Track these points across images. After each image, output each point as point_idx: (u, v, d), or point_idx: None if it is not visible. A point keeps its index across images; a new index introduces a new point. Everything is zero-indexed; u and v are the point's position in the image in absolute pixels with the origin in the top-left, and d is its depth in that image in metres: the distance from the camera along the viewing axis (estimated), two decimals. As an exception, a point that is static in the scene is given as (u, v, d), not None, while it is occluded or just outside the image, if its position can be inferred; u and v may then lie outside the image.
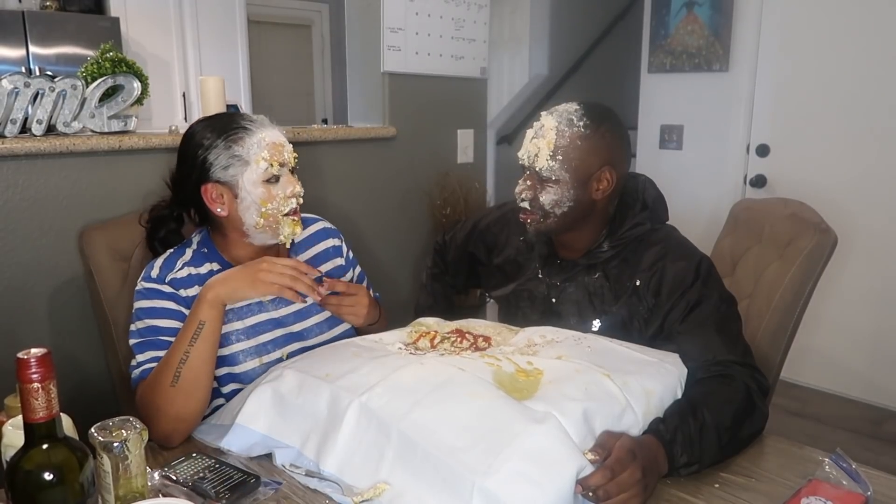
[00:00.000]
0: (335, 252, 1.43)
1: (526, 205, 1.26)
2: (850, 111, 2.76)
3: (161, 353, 1.15)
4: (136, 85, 1.50)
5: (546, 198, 1.23)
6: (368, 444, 0.95)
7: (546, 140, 1.21)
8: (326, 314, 1.34)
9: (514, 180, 1.30)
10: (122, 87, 1.49)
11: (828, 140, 2.83)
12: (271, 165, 1.19)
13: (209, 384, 1.13)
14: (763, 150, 3.01)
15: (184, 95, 4.10)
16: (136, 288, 1.21)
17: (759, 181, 3.01)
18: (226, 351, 1.22)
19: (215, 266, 1.25)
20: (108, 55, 1.54)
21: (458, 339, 1.24)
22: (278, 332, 1.27)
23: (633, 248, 1.26)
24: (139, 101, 1.53)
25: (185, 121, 4.06)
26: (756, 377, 1.12)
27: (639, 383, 1.04)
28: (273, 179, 1.20)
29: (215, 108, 1.71)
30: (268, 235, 1.24)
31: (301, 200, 1.25)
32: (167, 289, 1.19)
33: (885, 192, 2.71)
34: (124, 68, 1.53)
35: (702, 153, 3.15)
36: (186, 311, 1.19)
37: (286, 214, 1.22)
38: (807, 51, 2.83)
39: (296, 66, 5.46)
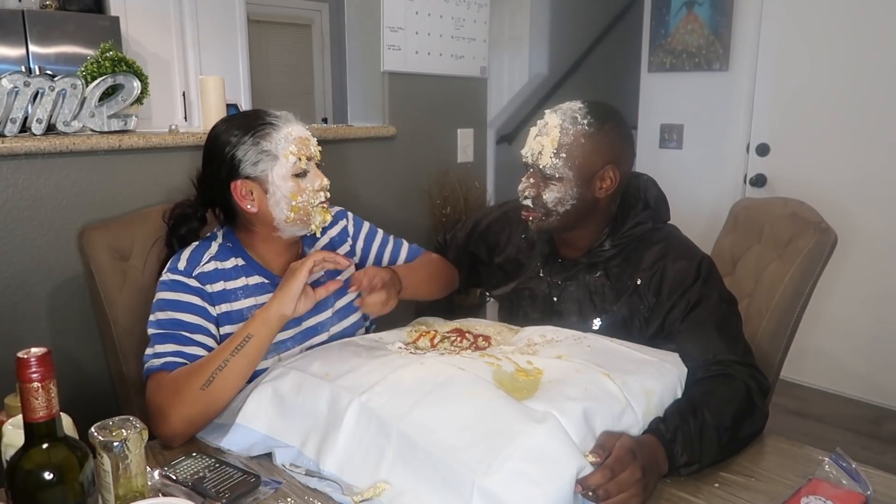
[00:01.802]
0: (340, 239, 1.43)
1: (529, 202, 1.26)
2: (850, 110, 2.76)
3: (185, 349, 1.15)
4: (136, 84, 1.50)
5: (549, 196, 1.22)
6: (368, 444, 0.95)
7: (550, 138, 1.20)
8: (336, 307, 1.35)
9: (515, 179, 1.30)
10: (121, 86, 1.49)
11: (828, 139, 2.83)
12: (299, 159, 1.20)
13: (233, 398, 1.12)
14: (763, 150, 3.01)
15: (184, 95, 4.10)
16: (161, 278, 1.21)
17: (759, 180, 3.01)
18: None
19: (240, 261, 1.26)
20: (107, 54, 1.54)
21: (458, 339, 1.24)
22: (296, 329, 1.28)
23: (634, 247, 1.26)
24: (139, 100, 1.53)
25: (185, 120, 4.06)
26: (756, 377, 1.13)
27: (639, 383, 1.04)
28: (301, 174, 1.21)
29: (215, 107, 1.71)
30: (298, 228, 1.25)
31: (328, 193, 1.26)
32: (194, 283, 1.19)
33: (886, 192, 2.71)
34: (124, 67, 1.53)
35: (702, 152, 3.15)
36: (210, 308, 1.19)
37: (316, 205, 1.24)
38: (807, 50, 2.83)
39: (296, 66, 5.46)
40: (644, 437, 0.98)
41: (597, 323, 1.27)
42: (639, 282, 1.23)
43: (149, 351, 1.16)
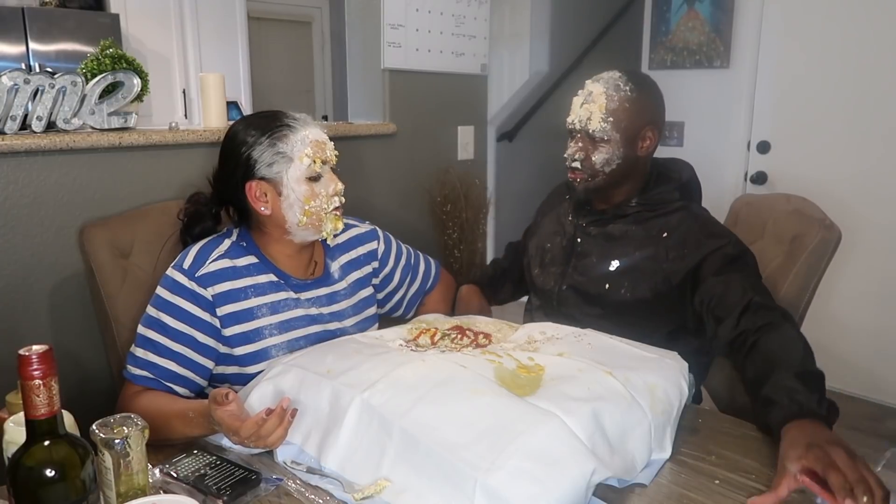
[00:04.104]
0: (366, 259, 1.43)
1: (577, 164, 1.37)
2: (851, 107, 2.75)
3: (159, 360, 1.16)
4: (136, 81, 1.49)
5: (598, 157, 1.35)
6: (370, 441, 0.95)
7: (598, 104, 1.33)
8: (359, 318, 1.37)
9: (516, 177, 1.35)
10: (122, 83, 1.48)
11: (829, 136, 2.82)
12: (314, 162, 1.20)
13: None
14: (764, 147, 3.00)
15: (184, 92, 4.09)
16: (166, 272, 1.21)
17: (759, 178, 3.00)
18: (257, 346, 1.22)
19: (253, 259, 1.26)
20: (108, 52, 1.54)
21: (459, 336, 1.24)
22: (312, 329, 1.28)
23: (665, 210, 1.38)
24: (139, 97, 1.52)
25: (186, 118, 4.06)
26: (798, 328, 1.18)
27: (641, 378, 1.04)
28: (316, 177, 1.21)
29: (215, 105, 1.71)
30: (310, 233, 1.25)
31: (343, 199, 1.26)
32: (193, 287, 1.19)
33: (887, 189, 2.71)
34: (124, 65, 1.53)
35: (703, 150, 3.15)
36: (203, 315, 1.19)
37: (329, 212, 1.23)
38: (808, 47, 2.83)
39: (296, 63, 5.46)
40: (793, 426, 0.94)
41: (614, 264, 1.37)
42: (664, 235, 1.34)
43: (131, 348, 1.19)
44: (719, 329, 1.20)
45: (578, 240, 1.44)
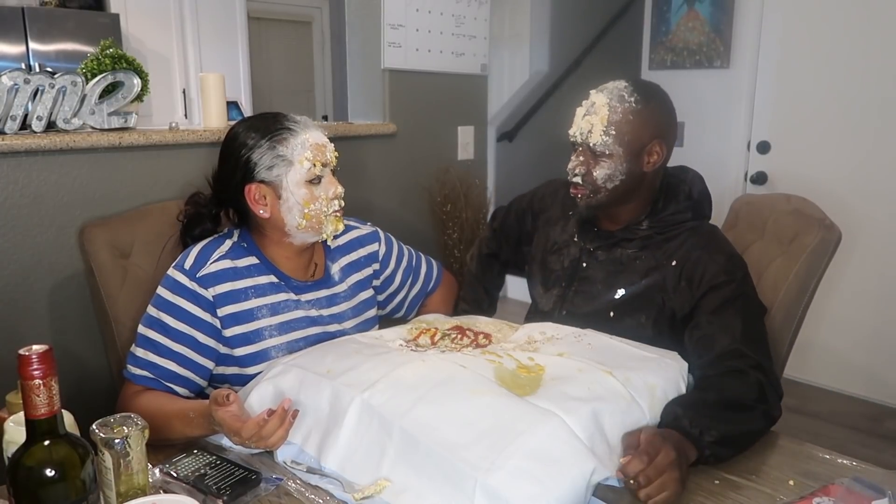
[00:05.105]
0: (367, 261, 1.42)
1: (578, 179, 1.29)
2: (851, 107, 2.75)
3: (159, 360, 1.16)
4: (136, 81, 1.49)
5: (600, 172, 1.25)
6: (370, 441, 0.95)
7: (599, 116, 1.24)
8: (359, 320, 1.37)
9: (515, 177, 1.33)
10: (122, 83, 1.48)
11: (829, 136, 2.82)
12: (314, 165, 1.20)
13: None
14: (764, 147, 3.00)
15: (184, 92, 4.10)
16: (167, 272, 1.21)
17: (759, 178, 3.00)
18: (257, 347, 1.22)
19: (254, 260, 1.26)
20: (108, 52, 1.54)
21: (459, 336, 1.24)
22: (312, 331, 1.28)
23: (675, 233, 1.29)
24: (139, 97, 1.52)
25: (186, 118, 4.06)
26: (771, 382, 1.12)
27: (641, 378, 1.04)
28: (316, 180, 1.21)
29: (215, 104, 1.71)
30: (309, 235, 1.25)
31: (343, 202, 1.25)
32: (194, 287, 1.19)
33: (887, 189, 2.71)
34: (124, 65, 1.53)
35: (703, 150, 3.14)
36: (204, 315, 1.19)
37: (329, 214, 1.23)
38: (808, 47, 2.83)
39: (296, 63, 5.46)
40: (663, 429, 0.99)
41: (620, 293, 1.29)
42: (674, 263, 1.26)
43: (132, 348, 1.19)
44: (698, 361, 1.18)
45: (584, 264, 1.35)
